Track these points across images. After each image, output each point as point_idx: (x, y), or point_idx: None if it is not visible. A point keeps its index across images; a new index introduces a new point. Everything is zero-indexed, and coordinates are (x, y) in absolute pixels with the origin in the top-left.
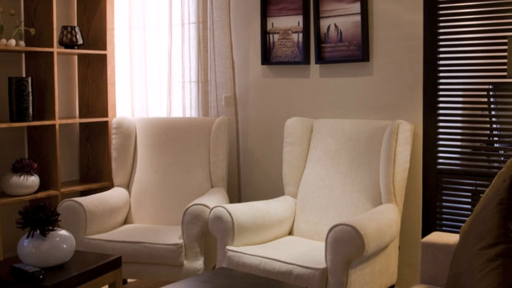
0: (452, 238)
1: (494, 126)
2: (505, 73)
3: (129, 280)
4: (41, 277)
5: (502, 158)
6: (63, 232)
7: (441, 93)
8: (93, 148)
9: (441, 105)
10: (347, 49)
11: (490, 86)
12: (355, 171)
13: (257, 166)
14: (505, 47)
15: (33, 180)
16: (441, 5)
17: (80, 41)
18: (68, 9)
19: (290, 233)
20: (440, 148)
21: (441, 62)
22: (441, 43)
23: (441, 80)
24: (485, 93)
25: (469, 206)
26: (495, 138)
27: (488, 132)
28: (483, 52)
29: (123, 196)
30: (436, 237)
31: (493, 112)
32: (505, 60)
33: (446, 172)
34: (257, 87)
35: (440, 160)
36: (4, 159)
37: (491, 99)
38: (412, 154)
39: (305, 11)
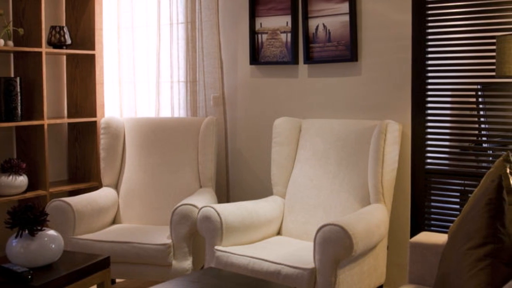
0: (440, 238)
1: (483, 126)
2: (493, 73)
3: (117, 280)
4: (29, 277)
5: (490, 158)
6: (51, 232)
7: (429, 93)
8: (81, 148)
9: (429, 105)
10: (335, 49)
11: (479, 86)
12: (344, 171)
13: (245, 166)
14: (494, 47)
15: (22, 180)
16: (429, 5)
17: (69, 41)
18: (57, 9)
19: (279, 233)
20: (429, 148)
21: (430, 62)
22: (430, 43)
23: (430, 80)
24: (473, 93)
25: (457, 206)
26: (484, 138)
27: (476, 132)
28: (472, 52)
29: (111, 196)
30: (425, 237)
31: (481, 112)
32: (494, 60)
33: (434, 172)
34: (246, 87)
35: (429, 160)
36: None
37: (480, 99)
38: (400, 154)
39: (293, 11)
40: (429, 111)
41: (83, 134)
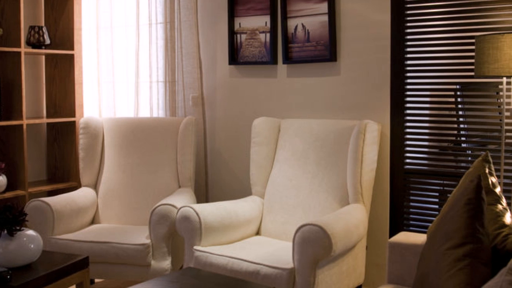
0: (419, 238)
1: (462, 126)
2: (472, 73)
3: (96, 280)
4: (8, 277)
5: (469, 158)
6: (30, 232)
7: (408, 93)
8: (60, 148)
9: (408, 105)
10: (314, 49)
11: (458, 86)
12: (323, 171)
13: (224, 166)
14: (473, 47)
15: (1, 180)
16: (408, 5)
17: (48, 41)
18: (36, 9)
19: (258, 233)
20: (408, 148)
21: (409, 62)
22: (409, 43)
23: (409, 80)
24: (452, 93)
25: (436, 206)
26: (463, 138)
27: (455, 132)
28: (451, 52)
29: (90, 196)
30: (404, 237)
31: (460, 112)
32: (473, 60)
33: (413, 172)
34: (225, 87)
35: (408, 160)
36: None
37: (459, 99)
38: (379, 154)
39: (272, 11)
40: (408, 111)
41: (62, 134)
